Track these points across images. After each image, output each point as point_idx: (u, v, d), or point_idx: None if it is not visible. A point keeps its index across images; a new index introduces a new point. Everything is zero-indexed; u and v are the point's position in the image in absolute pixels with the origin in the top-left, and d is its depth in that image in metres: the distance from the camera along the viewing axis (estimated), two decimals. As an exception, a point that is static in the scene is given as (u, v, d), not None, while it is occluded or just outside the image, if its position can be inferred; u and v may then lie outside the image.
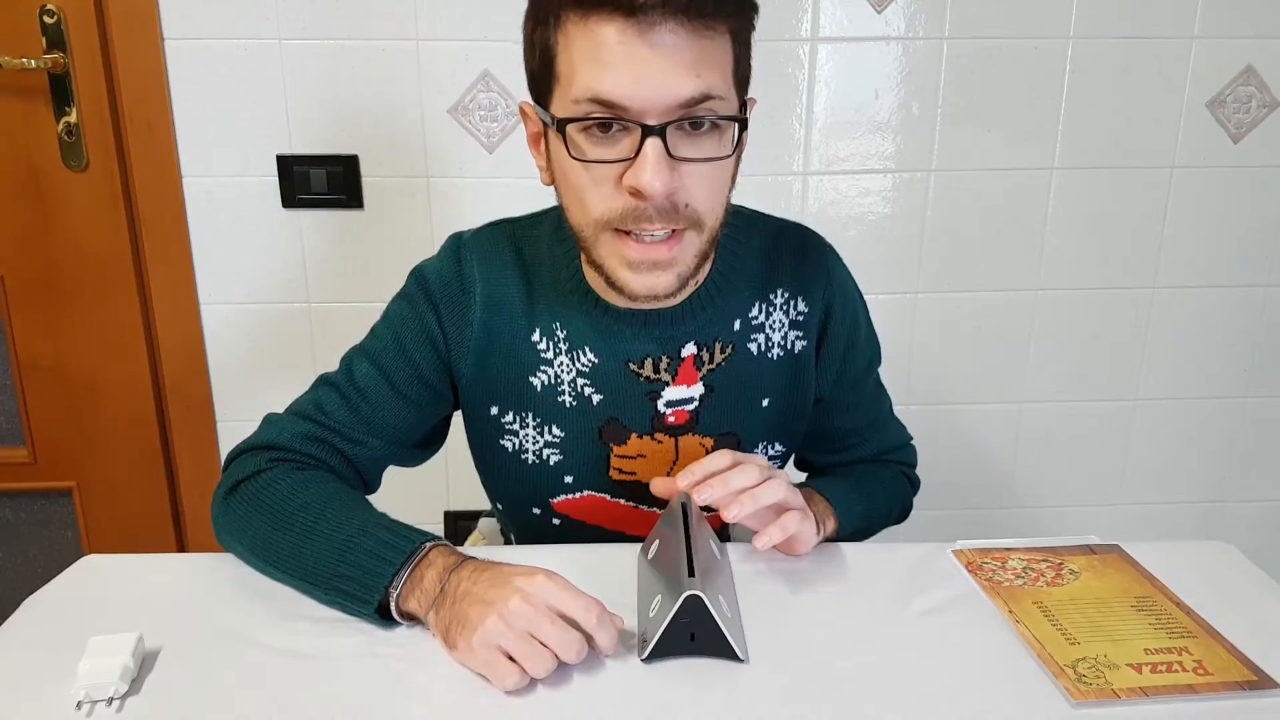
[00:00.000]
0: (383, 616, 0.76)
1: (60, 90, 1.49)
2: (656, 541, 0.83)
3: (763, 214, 0.95)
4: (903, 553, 0.88)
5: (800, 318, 0.93)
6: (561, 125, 0.75)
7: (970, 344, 1.71)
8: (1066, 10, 1.54)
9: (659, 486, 0.82)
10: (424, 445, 0.96)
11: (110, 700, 0.67)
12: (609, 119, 0.73)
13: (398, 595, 0.74)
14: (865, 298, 1.00)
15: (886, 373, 1.06)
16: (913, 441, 1.09)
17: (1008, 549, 0.89)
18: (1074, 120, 1.59)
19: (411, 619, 0.75)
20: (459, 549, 0.78)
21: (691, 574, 0.72)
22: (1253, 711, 0.67)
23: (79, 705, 0.66)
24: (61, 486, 1.70)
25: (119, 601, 0.79)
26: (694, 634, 0.71)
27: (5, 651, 0.72)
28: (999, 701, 0.68)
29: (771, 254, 0.93)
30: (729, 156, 0.77)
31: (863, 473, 1.02)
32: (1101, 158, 1.62)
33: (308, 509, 0.80)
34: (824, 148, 1.59)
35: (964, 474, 1.78)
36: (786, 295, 0.93)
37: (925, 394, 1.70)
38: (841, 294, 0.95)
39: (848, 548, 0.89)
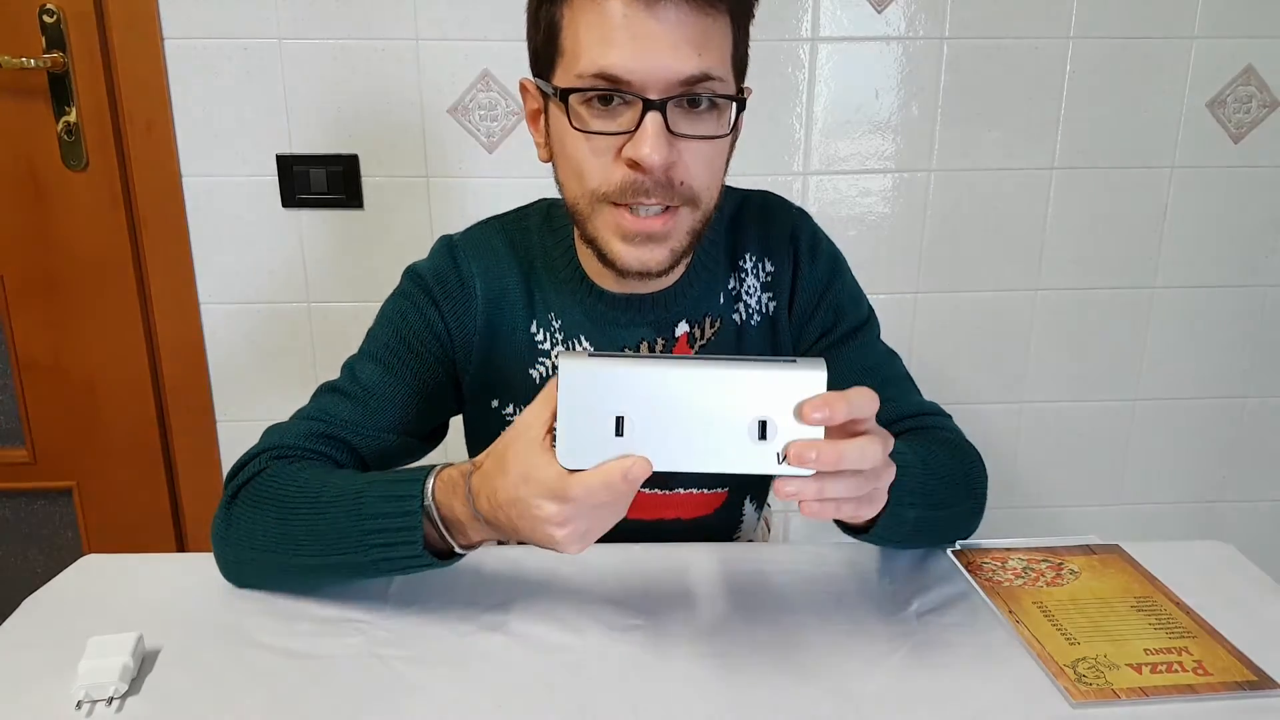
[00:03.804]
0: (436, 556, 0.72)
1: (60, 90, 1.49)
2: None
3: (729, 187, 0.95)
4: (903, 553, 0.88)
5: (769, 278, 0.94)
6: (564, 95, 0.76)
7: (970, 344, 1.71)
8: (1066, 10, 1.54)
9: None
10: (427, 438, 0.95)
11: (110, 700, 0.66)
12: (612, 91, 0.74)
13: (437, 510, 0.71)
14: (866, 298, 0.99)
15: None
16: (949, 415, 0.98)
17: (1008, 549, 0.89)
18: (1074, 120, 1.59)
19: (463, 542, 0.72)
20: (443, 465, 0.74)
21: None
22: (1253, 711, 0.67)
23: (79, 705, 0.66)
24: (61, 486, 1.70)
25: (119, 601, 0.79)
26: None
27: (5, 651, 0.72)
28: (999, 701, 0.68)
29: (736, 223, 0.94)
30: (726, 135, 0.78)
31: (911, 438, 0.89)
32: (1101, 158, 1.62)
33: (307, 487, 0.78)
34: (824, 148, 1.59)
35: (964, 474, 1.78)
36: (755, 259, 0.94)
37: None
38: (810, 248, 0.94)
39: (848, 548, 0.88)
